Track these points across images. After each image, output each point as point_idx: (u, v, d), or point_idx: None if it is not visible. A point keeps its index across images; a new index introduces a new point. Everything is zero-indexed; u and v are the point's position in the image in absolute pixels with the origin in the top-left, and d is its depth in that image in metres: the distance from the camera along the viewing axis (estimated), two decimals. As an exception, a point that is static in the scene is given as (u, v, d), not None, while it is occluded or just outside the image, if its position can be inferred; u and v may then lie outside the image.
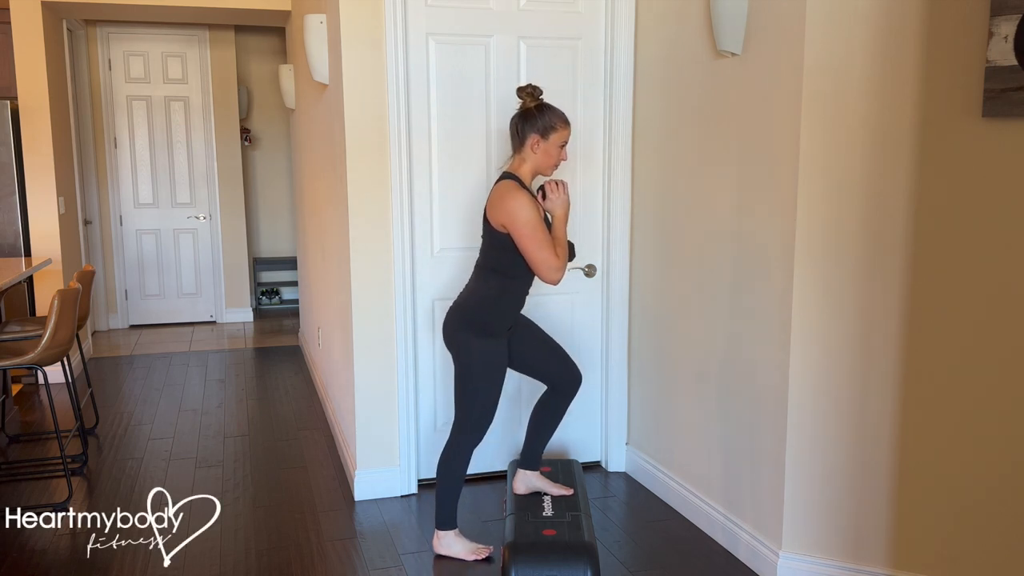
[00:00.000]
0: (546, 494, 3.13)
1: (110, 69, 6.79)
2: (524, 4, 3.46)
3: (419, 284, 3.52)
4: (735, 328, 2.97)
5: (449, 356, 3.59)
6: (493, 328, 2.86)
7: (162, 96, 6.94)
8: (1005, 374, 2.41)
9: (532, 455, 3.17)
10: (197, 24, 6.78)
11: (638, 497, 3.55)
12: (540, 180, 2.96)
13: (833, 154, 2.56)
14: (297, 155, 6.07)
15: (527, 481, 3.17)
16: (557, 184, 2.84)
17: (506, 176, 2.82)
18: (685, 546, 3.10)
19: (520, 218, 2.71)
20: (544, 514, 2.94)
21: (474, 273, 2.94)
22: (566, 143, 2.83)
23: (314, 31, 3.79)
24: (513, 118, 2.84)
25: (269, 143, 7.64)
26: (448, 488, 2.94)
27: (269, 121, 7.59)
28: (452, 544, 2.98)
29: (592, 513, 3.23)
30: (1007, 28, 2.23)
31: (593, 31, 3.55)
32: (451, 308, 2.92)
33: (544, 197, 2.84)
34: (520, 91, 2.82)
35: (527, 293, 2.93)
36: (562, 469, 3.34)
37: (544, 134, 2.77)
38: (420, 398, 3.60)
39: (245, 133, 7.43)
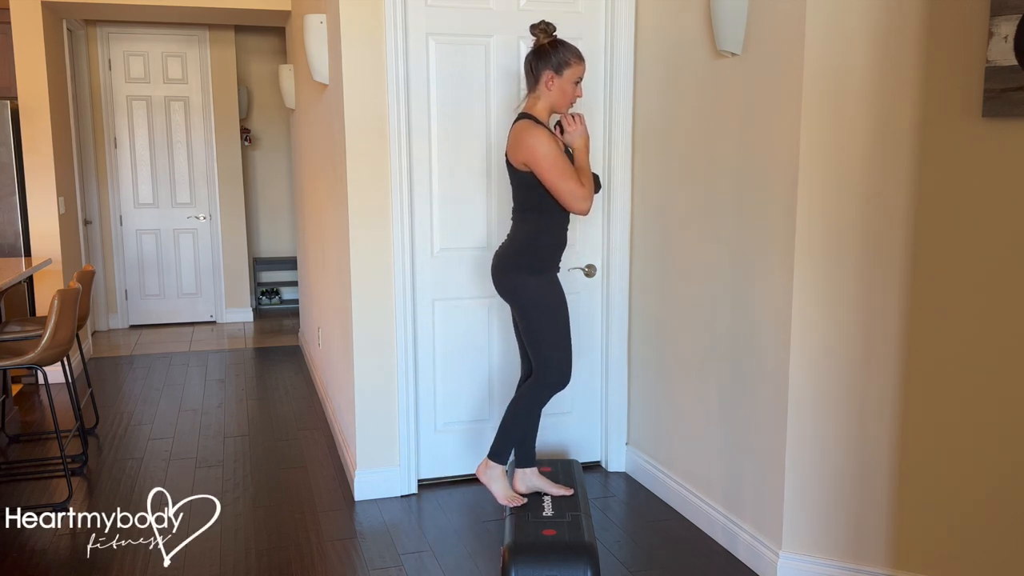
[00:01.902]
0: (546, 494, 3.13)
1: (110, 69, 6.79)
2: (524, 4, 3.46)
3: (419, 284, 3.52)
4: (735, 328, 2.97)
5: (448, 355, 3.60)
6: (542, 263, 2.90)
7: (162, 96, 6.94)
8: (1005, 374, 2.41)
9: (526, 451, 3.17)
10: (197, 24, 6.78)
11: (638, 497, 3.55)
12: (556, 118, 2.98)
13: (833, 154, 2.56)
14: (297, 155, 6.07)
15: (526, 480, 3.17)
16: (574, 117, 2.86)
17: (522, 116, 2.83)
18: (685, 546, 3.10)
19: (539, 151, 2.73)
20: (544, 514, 2.94)
21: (513, 220, 2.98)
22: (581, 79, 2.84)
23: (314, 31, 3.80)
24: (527, 56, 2.85)
25: (269, 143, 7.64)
26: (514, 426, 2.99)
27: (269, 121, 7.59)
28: (496, 479, 3.03)
29: (592, 513, 3.23)
30: (1007, 28, 2.23)
31: (593, 31, 3.55)
32: (495, 257, 2.98)
33: (562, 132, 2.85)
34: (533, 28, 2.83)
35: (566, 229, 2.95)
36: (562, 469, 3.34)
37: (558, 70, 2.78)
38: (420, 398, 3.60)
39: (245, 133, 7.43)
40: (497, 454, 3.02)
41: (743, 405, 2.95)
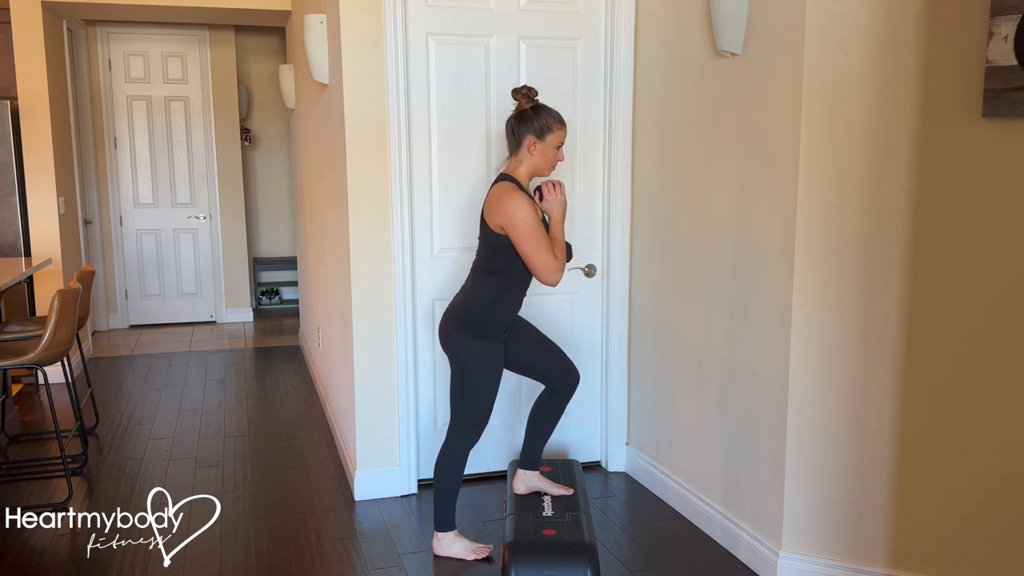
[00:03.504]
0: (546, 494, 3.13)
1: (110, 69, 6.79)
2: (524, 4, 3.46)
3: (419, 284, 3.52)
4: (735, 328, 2.97)
5: (449, 356, 3.60)
6: (490, 330, 2.85)
7: (162, 96, 6.94)
8: (1005, 374, 2.42)
9: (532, 455, 3.17)
10: (197, 24, 6.78)
11: (638, 497, 3.55)
12: (537, 181, 2.96)
13: (833, 154, 2.56)
14: (297, 155, 6.07)
15: (527, 481, 3.17)
16: (554, 185, 2.84)
17: (503, 178, 2.81)
18: (685, 546, 3.10)
19: (518, 220, 2.70)
20: (544, 514, 2.94)
21: (471, 274, 2.93)
22: (562, 144, 2.82)
23: (314, 31, 3.80)
24: (509, 120, 2.83)
25: (269, 143, 7.64)
26: (445, 489, 2.94)
27: (269, 121, 7.59)
28: (452, 545, 2.98)
29: (592, 513, 3.23)
30: (1007, 28, 2.23)
31: (593, 31, 3.55)
32: (447, 310, 2.92)
33: (541, 198, 2.84)
34: (515, 92, 2.82)
35: (524, 295, 2.92)
36: (562, 469, 3.34)
37: (540, 135, 2.77)
38: (420, 398, 3.60)
39: (245, 133, 7.43)
40: (442, 523, 2.97)
41: (743, 405, 2.95)
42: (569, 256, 2.92)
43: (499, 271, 2.83)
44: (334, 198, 3.88)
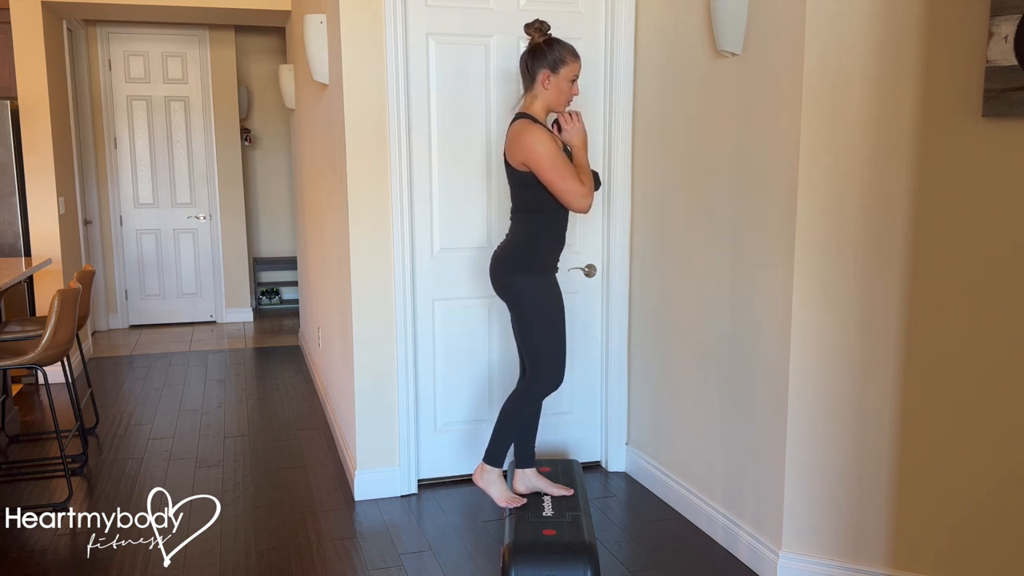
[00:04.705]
0: (546, 494, 3.13)
1: (110, 69, 6.79)
2: (524, 4, 3.46)
3: (419, 284, 3.52)
4: (735, 328, 2.97)
5: (448, 355, 3.61)
6: (539, 264, 2.90)
7: (162, 96, 6.95)
8: (1006, 374, 2.41)
9: (525, 452, 3.17)
10: (197, 24, 6.78)
11: (638, 497, 3.55)
12: (554, 117, 2.98)
13: (833, 154, 2.56)
14: (297, 155, 6.07)
15: (526, 480, 3.17)
16: (571, 115, 2.86)
17: (519, 116, 2.83)
18: (685, 546, 3.10)
19: (538, 151, 2.73)
20: (544, 514, 2.94)
21: (511, 220, 2.98)
22: (577, 77, 2.84)
23: (314, 31, 3.80)
24: (522, 56, 2.86)
25: (269, 143, 7.64)
26: (508, 429, 3.00)
27: (269, 121, 7.59)
28: (493, 483, 3.03)
29: (592, 513, 3.23)
30: (1007, 28, 2.23)
31: (593, 31, 3.55)
32: (494, 257, 2.98)
33: (560, 130, 2.85)
34: (528, 27, 2.84)
35: (565, 228, 2.95)
36: (562, 469, 3.34)
37: (554, 68, 2.79)
38: (420, 398, 3.60)
39: (245, 133, 7.43)
40: (493, 457, 3.02)
41: (743, 405, 2.95)
42: (597, 184, 2.93)
43: (532, 208, 2.86)
44: (334, 198, 3.88)
